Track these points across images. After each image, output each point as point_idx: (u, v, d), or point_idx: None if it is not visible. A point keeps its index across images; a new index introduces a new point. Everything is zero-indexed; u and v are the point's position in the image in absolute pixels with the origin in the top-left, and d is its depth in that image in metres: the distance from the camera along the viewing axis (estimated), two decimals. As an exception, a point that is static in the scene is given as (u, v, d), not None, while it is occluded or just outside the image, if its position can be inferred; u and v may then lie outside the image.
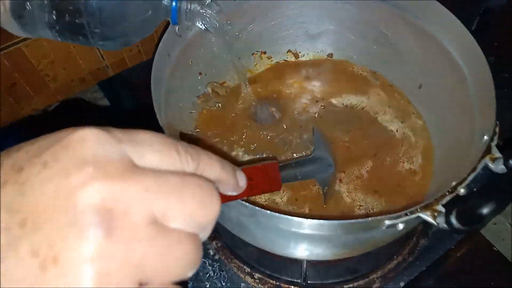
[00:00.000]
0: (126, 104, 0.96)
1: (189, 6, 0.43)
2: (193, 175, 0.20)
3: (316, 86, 0.62)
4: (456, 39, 0.48)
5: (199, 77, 0.58)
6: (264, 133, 0.57)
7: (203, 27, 0.46)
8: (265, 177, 0.34)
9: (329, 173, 0.51)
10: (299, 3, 0.58)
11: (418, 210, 0.36)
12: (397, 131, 0.57)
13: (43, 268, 0.15)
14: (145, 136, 0.19)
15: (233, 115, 0.59)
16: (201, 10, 0.43)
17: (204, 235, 0.20)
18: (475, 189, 0.35)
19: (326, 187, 0.50)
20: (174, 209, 0.18)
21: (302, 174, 0.45)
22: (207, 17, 0.44)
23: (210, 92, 0.59)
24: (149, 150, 0.19)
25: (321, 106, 0.60)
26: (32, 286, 0.15)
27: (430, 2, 0.49)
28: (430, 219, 0.36)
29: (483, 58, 0.44)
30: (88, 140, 0.18)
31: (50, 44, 0.60)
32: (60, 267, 0.15)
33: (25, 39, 0.56)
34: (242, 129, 0.58)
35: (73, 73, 0.66)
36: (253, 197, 0.50)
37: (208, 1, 0.44)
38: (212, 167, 0.22)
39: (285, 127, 0.58)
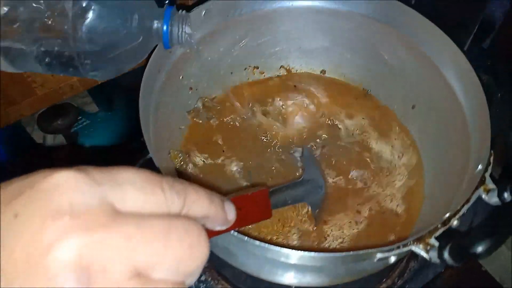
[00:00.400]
0: (115, 110, 0.94)
1: (181, 28, 0.41)
2: (179, 217, 0.19)
3: (307, 104, 0.61)
4: (451, 64, 0.48)
5: (190, 92, 0.57)
6: (255, 150, 0.56)
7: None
8: (255, 206, 0.33)
9: (320, 195, 0.50)
10: (293, 19, 0.57)
11: (411, 243, 0.35)
12: (389, 159, 0.56)
13: None
14: (127, 175, 0.18)
15: (223, 130, 0.58)
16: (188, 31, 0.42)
17: (191, 280, 0.19)
18: (470, 223, 0.35)
19: (317, 210, 0.49)
20: (159, 258, 0.17)
21: (292, 199, 0.44)
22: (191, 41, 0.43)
23: (201, 107, 0.58)
24: (131, 190, 0.18)
25: (312, 127, 0.59)
26: None
27: (427, 23, 0.49)
28: (423, 253, 0.35)
29: (479, 85, 0.43)
30: (64, 186, 0.16)
31: None
32: None
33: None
34: (233, 145, 0.57)
35: (61, 80, 0.64)
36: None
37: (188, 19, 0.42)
38: (199, 202, 0.21)
39: (274, 146, 0.57)
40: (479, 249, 0.30)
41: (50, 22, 0.30)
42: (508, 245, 0.57)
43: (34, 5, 0.30)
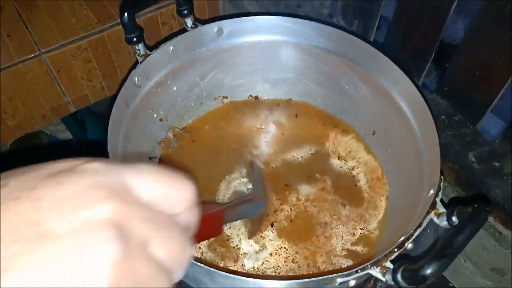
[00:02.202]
0: (89, 137, 0.95)
1: None
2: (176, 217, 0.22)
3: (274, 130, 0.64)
4: (404, 95, 0.51)
5: (160, 123, 0.58)
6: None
7: None
8: (210, 226, 0.34)
9: (260, 212, 0.52)
10: (257, 52, 0.59)
11: (368, 266, 0.37)
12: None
13: (65, 269, 0.17)
14: (146, 168, 0.21)
15: (194, 159, 0.60)
16: None
17: (177, 275, 0.21)
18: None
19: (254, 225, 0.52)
20: (159, 244, 0.20)
21: (242, 215, 0.47)
22: None
23: (172, 137, 0.60)
24: (150, 182, 0.21)
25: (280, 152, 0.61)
26: (52, 285, 0.17)
27: (381, 57, 0.52)
28: (379, 276, 0.37)
29: (431, 117, 0.46)
30: (99, 169, 0.19)
31: (8, 81, 0.60)
32: (81, 270, 0.17)
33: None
34: (204, 173, 0.58)
35: (33, 110, 0.66)
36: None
37: None
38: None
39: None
40: (427, 271, 0.32)
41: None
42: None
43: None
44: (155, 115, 0.56)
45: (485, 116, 0.57)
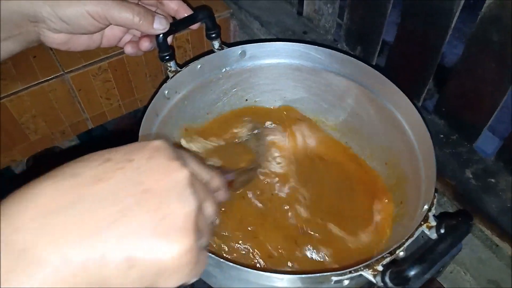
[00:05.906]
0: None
1: None
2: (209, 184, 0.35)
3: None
4: (407, 117, 0.55)
5: (185, 132, 0.64)
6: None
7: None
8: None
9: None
10: (276, 74, 0.65)
11: (361, 268, 0.41)
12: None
13: (162, 218, 0.25)
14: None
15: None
16: None
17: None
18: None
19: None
20: (208, 204, 0.31)
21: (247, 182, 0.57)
22: None
23: (193, 146, 0.66)
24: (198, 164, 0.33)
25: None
26: (151, 227, 0.25)
27: (385, 81, 0.56)
28: (371, 278, 0.41)
29: (430, 141, 0.50)
30: (166, 147, 0.29)
31: (32, 99, 0.63)
32: (172, 218, 0.26)
33: (8, 95, 0.60)
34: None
35: (53, 126, 0.69)
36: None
37: None
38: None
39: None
40: (410, 273, 0.36)
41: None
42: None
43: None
44: (181, 123, 0.63)
45: (480, 136, 0.60)
